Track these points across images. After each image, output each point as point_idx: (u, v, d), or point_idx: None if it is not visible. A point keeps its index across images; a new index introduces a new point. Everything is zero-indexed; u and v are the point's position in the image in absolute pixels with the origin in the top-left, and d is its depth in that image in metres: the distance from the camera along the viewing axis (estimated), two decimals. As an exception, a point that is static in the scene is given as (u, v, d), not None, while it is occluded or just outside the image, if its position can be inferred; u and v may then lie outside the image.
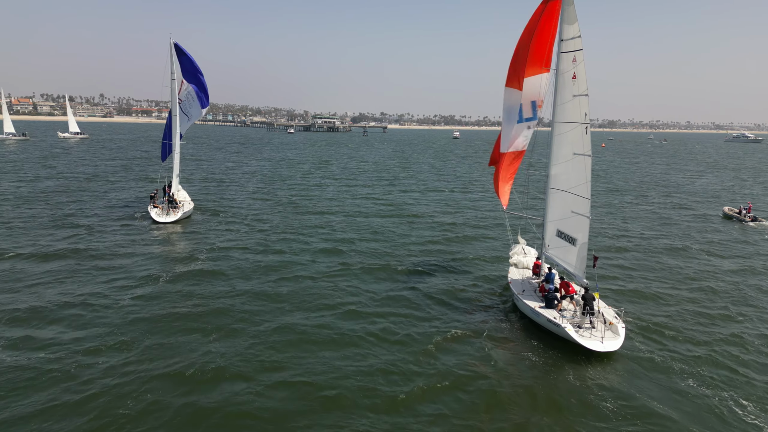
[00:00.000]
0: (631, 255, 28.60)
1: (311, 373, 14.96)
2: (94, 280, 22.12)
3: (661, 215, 41.00)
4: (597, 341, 16.05)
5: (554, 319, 17.07)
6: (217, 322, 18.20)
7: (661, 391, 14.45)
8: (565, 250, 19.32)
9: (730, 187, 61.08)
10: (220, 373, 14.69)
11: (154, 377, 14.40)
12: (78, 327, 17.49)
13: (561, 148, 18.93)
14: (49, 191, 44.63)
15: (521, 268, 22.20)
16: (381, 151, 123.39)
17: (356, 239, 30.66)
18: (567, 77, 17.99)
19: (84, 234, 29.88)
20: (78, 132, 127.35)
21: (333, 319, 18.78)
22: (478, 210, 42.16)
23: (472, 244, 30.48)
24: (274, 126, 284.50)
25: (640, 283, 23.66)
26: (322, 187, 53.34)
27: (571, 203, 18.75)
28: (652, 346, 17.18)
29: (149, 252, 26.70)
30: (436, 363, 15.79)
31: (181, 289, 21.34)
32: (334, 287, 22.15)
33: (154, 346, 16.26)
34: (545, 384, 14.72)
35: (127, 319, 18.18)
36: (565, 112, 18.39)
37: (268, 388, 14.07)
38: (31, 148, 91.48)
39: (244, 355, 15.88)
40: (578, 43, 17.43)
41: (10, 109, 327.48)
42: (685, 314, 20.07)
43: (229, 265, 24.69)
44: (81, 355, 15.50)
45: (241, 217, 36.08)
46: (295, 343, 16.82)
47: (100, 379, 14.20)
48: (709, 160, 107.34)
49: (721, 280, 24.46)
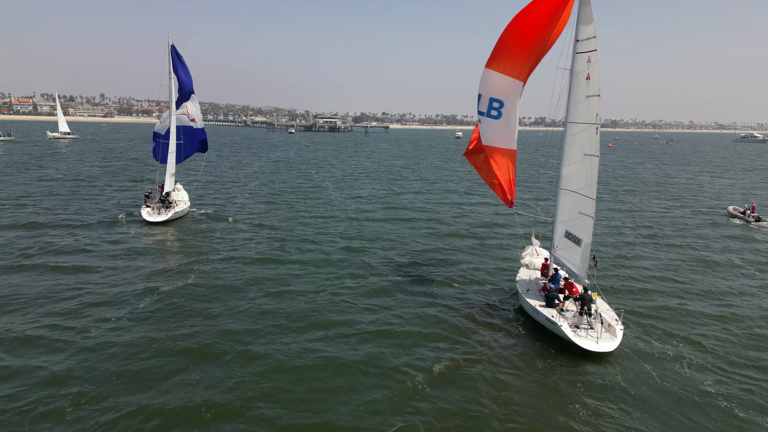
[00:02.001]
0: (633, 254, 28.31)
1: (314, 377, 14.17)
2: (66, 294, 20.13)
3: (665, 215, 40.38)
4: (592, 341, 16.16)
5: (552, 318, 17.16)
6: (204, 346, 16.14)
7: (657, 393, 14.39)
8: (571, 250, 19.35)
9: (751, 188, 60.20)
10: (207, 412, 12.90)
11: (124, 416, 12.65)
12: (43, 353, 15.46)
13: (573, 148, 18.84)
14: (30, 193, 43.78)
15: (532, 269, 22.23)
16: (384, 151, 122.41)
17: (358, 242, 29.94)
18: (581, 78, 17.90)
19: (65, 236, 28.96)
20: (68, 132, 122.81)
21: (335, 328, 18.05)
22: (483, 213, 41.52)
23: (479, 245, 29.87)
24: (274, 126, 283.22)
25: (641, 283, 23.56)
26: (322, 189, 52.61)
27: (579, 204, 18.75)
28: (651, 347, 17.10)
29: (134, 257, 25.54)
30: (438, 361, 15.76)
31: (163, 308, 19.10)
32: (334, 295, 21.29)
33: (122, 379, 14.21)
34: (539, 382, 14.91)
35: (97, 350, 15.92)
36: (578, 113, 18.30)
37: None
38: (15, 149, 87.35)
39: (227, 386, 14.01)
40: (593, 44, 17.31)
41: (9, 108, 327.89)
42: (687, 314, 20.07)
43: (222, 274, 23.28)
44: (41, 387, 13.77)
45: (237, 219, 35.34)
46: (293, 368, 15.16)
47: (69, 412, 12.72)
48: (728, 163, 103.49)
49: (724, 280, 24.33)
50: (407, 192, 51.37)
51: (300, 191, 49.76)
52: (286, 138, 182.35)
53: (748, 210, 38.98)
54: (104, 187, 47.96)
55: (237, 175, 62.35)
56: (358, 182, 58.52)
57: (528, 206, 43.49)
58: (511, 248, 28.88)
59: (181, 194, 37.84)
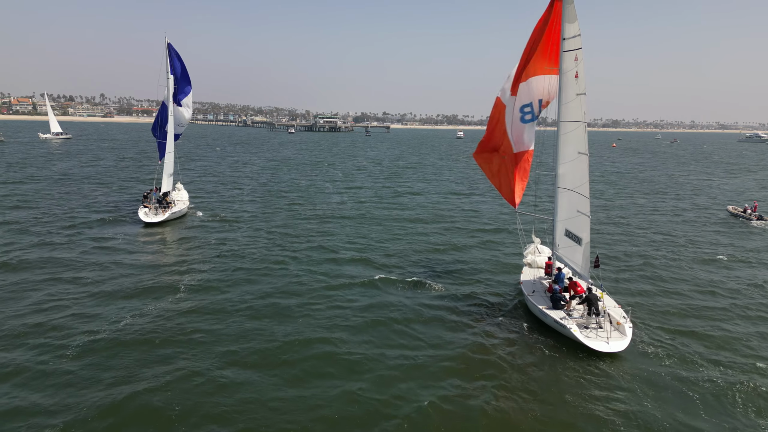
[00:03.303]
0: (637, 254, 28.17)
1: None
2: (55, 297, 19.69)
3: (669, 215, 40.21)
4: (602, 342, 16.10)
5: (560, 320, 17.07)
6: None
7: (667, 392, 14.26)
8: (573, 249, 19.43)
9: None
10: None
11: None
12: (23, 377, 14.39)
13: (566, 147, 18.96)
14: (22, 194, 43.67)
15: (534, 268, 22.34)
16: (387, 152, 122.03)
17: (358, 242, 29.79)
18: (570, 76, 18.01)
19: (57, 237, 28.80)
20: (60, 132, 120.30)
21: (339, 331, 17.86)
22: (484, 212, 41.37)
23: (482, 244, 29.83)
24: (275, 126, 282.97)
25: (646, 284, 23.45)
26: (322, 190, 52.44)
27: (576, 202, 18.90)
28: (660, 346, 17.02)
29: (128, 258, 25.35)
30: (444, 363, 15.62)
31: (157, 319, 17.98)
32: (334, 295, 21.06)
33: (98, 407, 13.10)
34: (550, 385, 14.66)
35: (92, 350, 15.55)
36: (569, 111, 18.46)
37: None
38: (2, 151, 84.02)
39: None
40: (579, 42, 17.60)
41: (9, 108, 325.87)
42: (692, 313, 20.11)
43: (216, 277, 22.90)
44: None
45: (235, 220, 35.18)
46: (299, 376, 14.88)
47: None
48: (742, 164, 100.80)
49: (727, 279, 24.30)
50: (408, 192, 51.14)
51: (299, 192, 49.54)
52: (286, 138, 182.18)
53: (750, 209, 38.97)
54: (97, 188, 47.78)
55: (236, 175, 62.26)
56: (359, 183, 58.24)
57: (527, 204, 43.39)
58: (513, 246, 28.85)
59: (181, 194, 37.76)
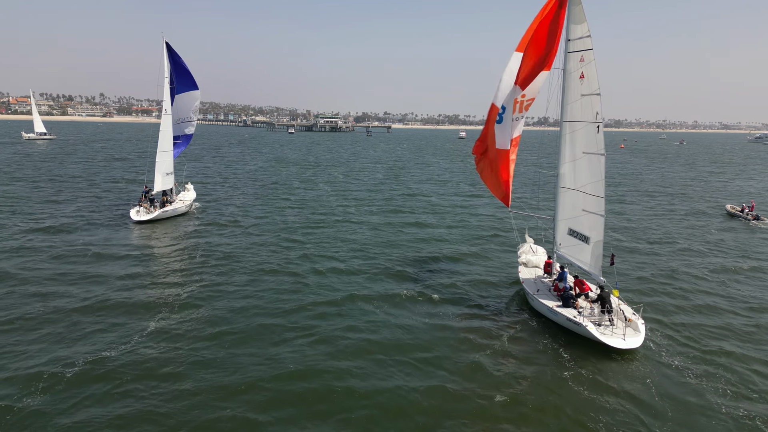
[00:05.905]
0: (643, 253, 28.34)
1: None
2: (41, 298, 19.39)
3: (673, 215, 40.05)
4: (619, 338, 16.17)
5: (574, 318, 16.99)
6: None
7: (682, 388, 14.41)
8: (579, 248, 19.27)
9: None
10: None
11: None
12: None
13: (569, 147, 18.83)
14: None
15: (531, 267, 22.18)
16: (389, 152, 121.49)
17: (358, 243, 29.50)
18: (575, 76, 18.06)
19: (42, 238, 28.51)
20: (44, 132, 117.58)
21: (340, 331, 17.61)
22: (484, 213, 41.16)
23: (482, 244, 29.67)
24: (274, 126, 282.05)
25: (655, 283, 23.55)
26: (322, 190, 52.16)
27: (582, 202, 18.69)
28: (671, 342, 17.21)
29: (114, 258, 24.98)
30: (454, 365, 15.58)
31: (149, 335, 16.87)
32: (334, 297, 20.72)
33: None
34: (566, 383, 14.62)
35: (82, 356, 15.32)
36: (574, 112, 18.37)
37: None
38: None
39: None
40: (587, 43, 17.44)
41: (7, 108, 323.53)
42: (698, 311, 20.35)
43: (208, 279, 22.67)
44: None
45: (233, 220, 34.91)
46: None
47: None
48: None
49: (729, 278, 24.47)
50: (408, 193, 50.88)
51: (299, 192, 49.24)
52: (286, 138, 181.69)
53: (747, 209, 39.28)
54: (91, 188, 47.59)
55: (234, 175, 61.97)
56: (359, 183, 57.88)
57: (525, 204, 43.32)
58: (511, 245, 28.84)
59: (189, 194, 37.89)
